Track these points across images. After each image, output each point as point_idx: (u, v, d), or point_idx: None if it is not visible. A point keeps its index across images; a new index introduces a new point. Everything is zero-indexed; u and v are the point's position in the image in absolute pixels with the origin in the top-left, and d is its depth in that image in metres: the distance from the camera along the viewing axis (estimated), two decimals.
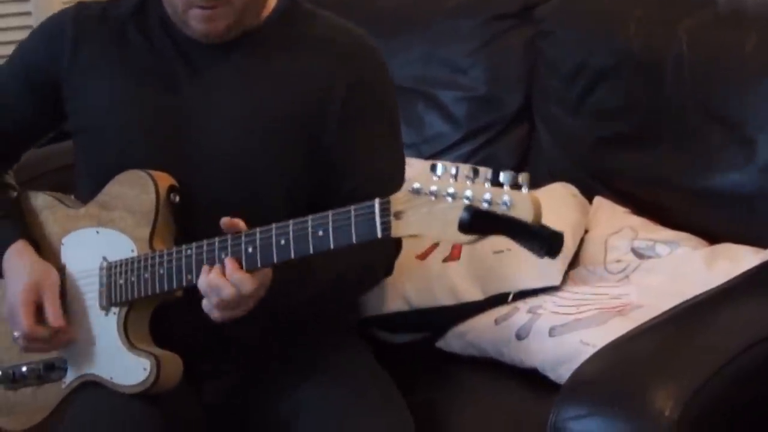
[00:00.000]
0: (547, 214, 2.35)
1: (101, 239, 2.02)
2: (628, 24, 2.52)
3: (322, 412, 1.97)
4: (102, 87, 2.06)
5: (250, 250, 1.82)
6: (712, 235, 2.38)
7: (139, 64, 2.06)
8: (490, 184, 1.59)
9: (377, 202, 1.70)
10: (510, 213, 1.56)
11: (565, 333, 2.17)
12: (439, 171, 1.63)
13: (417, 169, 2.52)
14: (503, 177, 1.58)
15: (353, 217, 1.72)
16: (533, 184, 2.53)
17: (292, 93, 2.02)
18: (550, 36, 2.64)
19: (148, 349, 1.95)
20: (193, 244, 1.88)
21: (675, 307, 2.08)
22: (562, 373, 2.09)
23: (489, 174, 1.59)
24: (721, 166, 2.37)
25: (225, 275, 1.82)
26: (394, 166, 2.07)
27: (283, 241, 1.79)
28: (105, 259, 2.00)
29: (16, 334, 2.02)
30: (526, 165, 2.68)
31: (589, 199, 2.52)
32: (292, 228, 1.78)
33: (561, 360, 2.14)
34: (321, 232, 1.75)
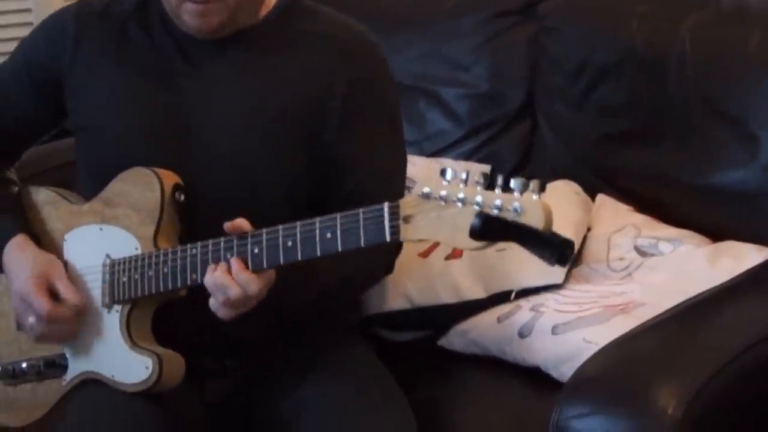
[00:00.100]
0: None
1: (105, 236, 2.01)
2: (631, 21, 2.51)
3: (324, 410, 1.97)
4: (102, 85, 2.06)
5: (256, 250, 1.81)
6: (716, 232, 2.38)
7: (139, 62, 2.05)
8: (500, 190, 1.58)
9: (386, 206, 1.69)
10: (521, 220, 1.56)
11: (567, 331, 2.17)
12: (448, 175, 1.62)
13: (419, 167, 2.56)
14: (514, 183, 1.57)
15: (362, 220, 1.71)
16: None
17: (293, 89, 2.01)
18: (553, 33, 2.64)
19: (150, 347, 1.94)
20: (198, 244, 1.87)
21: (678, 305, 2.08)
22: (565, 371, 2.08)
23: (499, 179, 1.58)
24: (724, 163, 2.36)
25: (231, 274, 1.82)
26: (395, 163, 2.06)
27: (290, 243, 1.78)
28: (108, 256, 1.99)
29: (32, 320, 1.98)
30: (528, 162, 2.68)
31: (592, 197, 2.52)
32: (299, 230, 1.78)
33: (564, 358, 2.13)
34: (329, 235, 1.74)
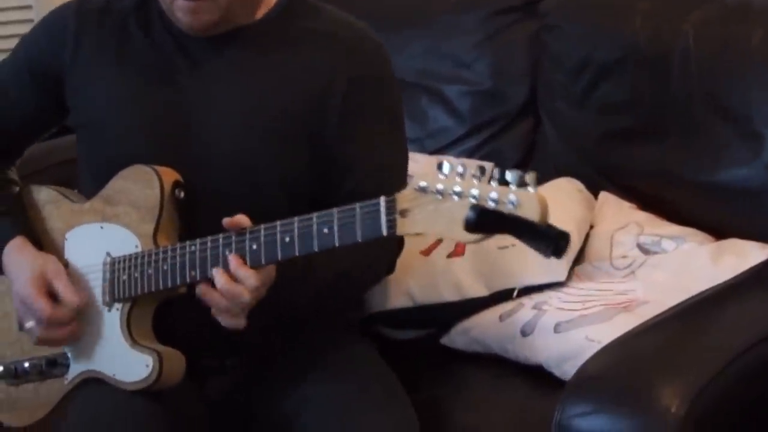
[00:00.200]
0: (553, 209, 2.35)
1: (105, 234, 2.00)
2: (633, 18, 2.51)
3: (326, 408, 1.96)
4: (103, 82, 2.05)
5: (255, 247, 1.81)
6: (719, 230, 2.38)
7: (139, 59, 2.05)
8: (497, 183, 1.58)
9: (383, 199, 1.68)
10: (517, 212, 1.55)
11: (570, 329, 2.16)
12: (445, 169, 1.62)
13: (421, 165, 2.55)
14: (510, 176, 1.57)
15: (358, 215, 1.71)
16: (538, 178, 2.57)
17: (293, 87, 2.01)
18: (555, 30, 2.64)
19: (150, 345, 1.94)
20: (197, 241, 1.87)
21: (681, 303, 2.08)
22: (568, 369, 2.08)
23: (496, 173, 1.58)
24: (727, 160, 2.36)
25: (232, 277, 1.81)
26: (396, 162, 2.06)
27: (287, 239, 1.78)
28: (109, 254, 1.99)
29: (30, 324, 1.98)
30: (530, 160, 2.68)
31: (595, 195, 2.51)
32: (297, 225, 1.77)
33: (566, 356, 2.13)
34: (326, 230, 1.74)
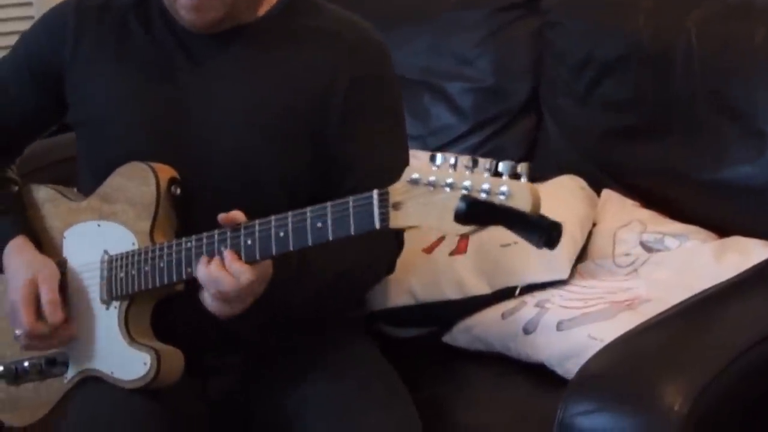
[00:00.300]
0: (555, 206, 2.34)
1: (102, 232, 2.00)
2: (636, 15, 2.51)
3: (328, 407, 1.96)
4: (102, 79, 2.05)
5: (249, 242, 1.80)
6: (722, 228, 2.37)
7: (139, 56, 2.04)
8: (489, 174, 1.57)
9: (375, 192, 1.68)
10: (508, 203, 1.55)
11: (572, 327, 2.16)
12: (438, 161, 1.62)
13: (423, 161, 2.54)
14: (502, 167, 1.57)
15: (351, 208, 1.71)
16: (540, 176, 2.58)
17: (295, 86, 2.00)
18: (557, 27, 2.63)
19: (148, 343, 1.93)
20: (192, 237, 1.87)
21: (684, 301, 2.07)
22: (570, 368, 2.07)
23: (488, 164, 1.58)
24: (730, 158, 2.36)
25: (224, 267, 1.81)
26: (397, 161, 2.03)
27: (282, 233, 1.78)
28: (106, 252, 1.98)
29: (18, 332, 2.00)
30: (533, 157, 2.67)
31: (597, 192, 2.51)
32: (290, 220, 1.77)
33: (569, 355, 2.12)
34: (320, 224, 1.74)
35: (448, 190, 1.60)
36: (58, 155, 2.56)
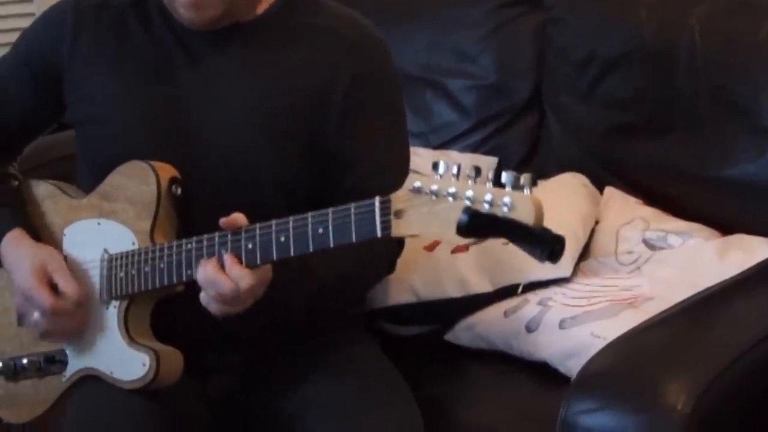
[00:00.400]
0: (558, 204, 2.36)
1: (103, 231, 1.99)
2: (639, 11, 2.50)
3: (328, 407, 1.95)
4: (101, 78, 2.04)
5: (250, 246, 1.80)
6: (725, 225, 2.37)
7: (138, 55, 2.03)
8: (492, 184, 1.56)
9: (377, 200, 1.67)
10: (511, 215, 1.54)
11: (575, 325, 2.15)
12: (441, 169, 1.61)
13: (425, 159, 2.53)
14: (505, 177, 1.55)
15: (353, 215, 1.70)
16: (543, 173, 2.57)
17: (294, 84, 1.99)
18: (560, 23, 2.63)
19: (148, 344, 1.92)
20: (193, 239, 1.86)
21: (687, 299, 2.07)
22: (573, 366, 2.07)
23: (491, 173, 1.57)
24: (734, 155, 2.35)
25: (224, 270, 1.80)
26: (397, 160, 2.04)
27: (282, 238, 1.77)
28: (106, 251, 1.98)
29: (35, 316, 1.97)
30: (535, 154, 2.67)
31: (600, 190, 2.51)
32: (292, 225, 1.76)
33: (571, 353, 2.12)
34: (321, 230, 1.73)
35: (450, 200, 1.59)
36: (60, 152, 2.55)
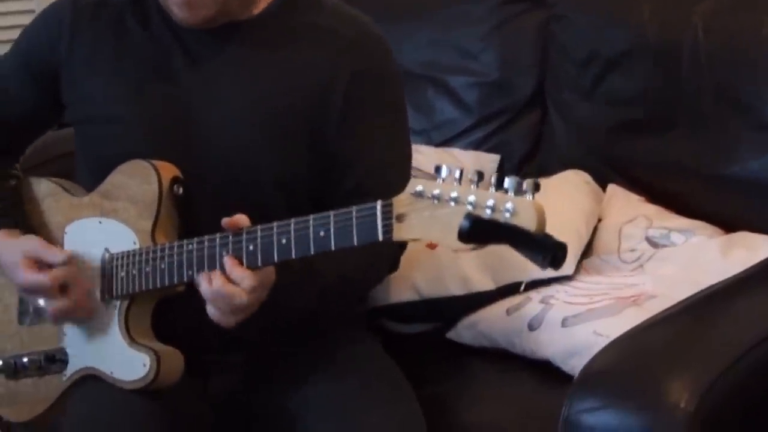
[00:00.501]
0: (560, 201, 2.36)
1: (104, 229, 1.99)
2: (642, 8, 2.50)
3: (330, 406, 1.95)
4: (100, 77, 2.03)
5: (251, 247, 1.79)
6: (729, 223, 2.36)
7: (137, 54, 2.02)
8: (494, 189, 1.55)
9: (379, 204, 1.67)
10: (513, 221, 1.53)
11: (578, 323, 2.15)
12: (443, 173, 1.60)
13: (427, 157, 2.53)
14: (507, 183, 1.54)
15: (354, 219, 1.70)
16: (545, 171, 2.56)
17: (294, 84, 1.99)
18: (563, 20, 2.62)
19: (148, 344, 1.92)
20: (194, 240, 1.86)
21: (690, 297, 2.06)
22: (575, 364, 2.06)
23: (493, 178, 1.56)
24: (737, 153, 2.35)
25: (226, 278, 1.80)
26: (399, 158, 2.04)
27: (284, 240, 1.77)
28: (107, 250, 1.97)
29: (43, 301, 1.96)
30: (538, 152, 2.67)
31: (603, 187, 2.50)
32: (293, 227, 1.76)
33: (574, 351, 2.11)
34: (322, 233, 1.73)
35: (452, 204, 1.58)
36: (64, 148, 2.53)
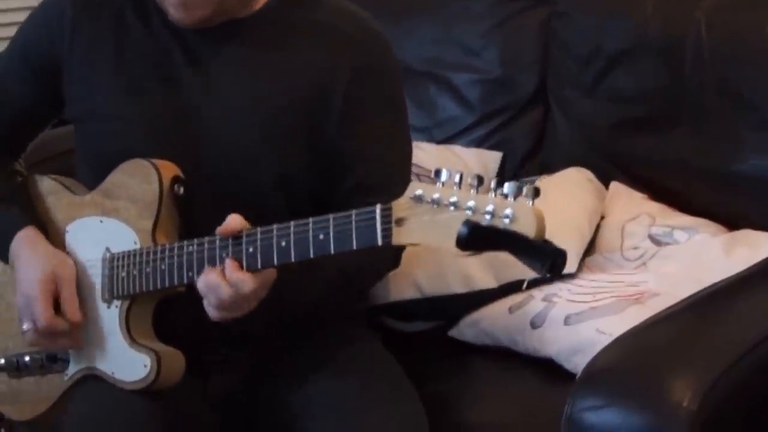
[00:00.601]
0: (563, 199, 2.35)
1: (105, 229, 1.98)
2: (644, 4, 2.50)
3: (331, 406, 1.94)
4: (100, 75, 2.02)
5: (251, 250, 1.79)
6: (732, 221, 2.36)
7: (137, 51, 2.02)
8: (494, 193, 1.55)
9: (378, 208, 1.66)
10: (512, 226, 1.52)
11: (580, 321, 2.15)
12: (443, 177, 1.60)
13: (430, 154, 2.53)
14: (507, 188, 1.53)
15: (354, 223, 1.69)
16: (548, 168, 2.56)
17: (294, 82, 1.98)
18: (565, 17, 2.62)
19: (149, 344, 1.91)
20: (194, 241, 1.85)
21: (693, 295, 2.06)
22: (578, 362, 2.06)
23: (493, 182, 1.55)
24: (740, 150, 2.35)
25: (224, 276, 1.79)
26: (399, 155, 2.03)
27: (284, 243, 1.76)
28: (108, 249, 1.97)
29: (26, 327, 1.96)
30: (540, 149, 2.67)
31: (605, 185, 2.50)
32: (293, 230, 1.76)
33: (576, 349, 2.11)
34: (322, 236, 1.72)
35: (452, 209, 1.58)
36: (64, 146, 2.54)
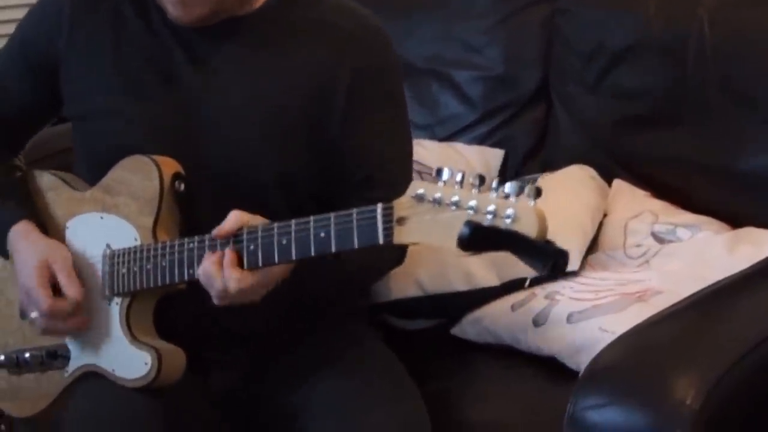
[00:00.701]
0: (566, 196, 2.35)
1: (105, 225, 1.98)
2: (647, 1, 2.49)
3: (333, 404, 1.94)
4: (99, 72, 2.02)
5: (252, 247, 1.79)
6: (735, 218, 2.36)
7: (137, 49, 2.01)
8: (496, 193, 1.54)
9: (380, 207, 1.66)
10: (514, 226, 1.52)
11: (583, 319, 2.14)
12: (444, 176, 1.60)
13: (431, 151, 2.52)
14: (509, 187, 1.53)
15: (355, 221, 1.69)
16: (550, 165, 2.55)
17: (295, 81, 1.97)
18: (568, 14, 2.62)
19: (150, 342, 1.91)
20: (195, 238, 1.85)
21: (696, 293, 2.05)
22: (581, 360, 2.06)
23: (494, 182, 1.55)
24: (743, 147, 2.35)
25: (221, 269, 1.79)
26: (401, 152, 2.03)
27: (284, 241, 1.76)
28: (109, 246, 1.96)
29: (34, 315, 1.96)
30: (543, 146, 2.67)
31: (608, 182, 2.50)
32: (294, 228, 1.75)
33: (579, 347, 2.11)
34: (323, 234, 1.72)
35: (453, 208, 1.57)
36: (64, 144, 2.53)
